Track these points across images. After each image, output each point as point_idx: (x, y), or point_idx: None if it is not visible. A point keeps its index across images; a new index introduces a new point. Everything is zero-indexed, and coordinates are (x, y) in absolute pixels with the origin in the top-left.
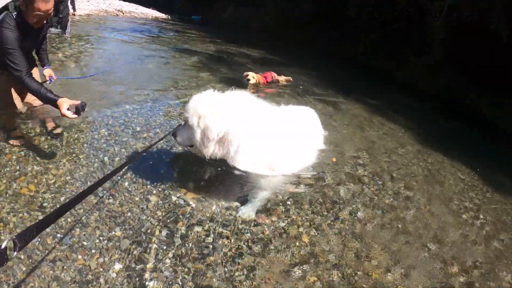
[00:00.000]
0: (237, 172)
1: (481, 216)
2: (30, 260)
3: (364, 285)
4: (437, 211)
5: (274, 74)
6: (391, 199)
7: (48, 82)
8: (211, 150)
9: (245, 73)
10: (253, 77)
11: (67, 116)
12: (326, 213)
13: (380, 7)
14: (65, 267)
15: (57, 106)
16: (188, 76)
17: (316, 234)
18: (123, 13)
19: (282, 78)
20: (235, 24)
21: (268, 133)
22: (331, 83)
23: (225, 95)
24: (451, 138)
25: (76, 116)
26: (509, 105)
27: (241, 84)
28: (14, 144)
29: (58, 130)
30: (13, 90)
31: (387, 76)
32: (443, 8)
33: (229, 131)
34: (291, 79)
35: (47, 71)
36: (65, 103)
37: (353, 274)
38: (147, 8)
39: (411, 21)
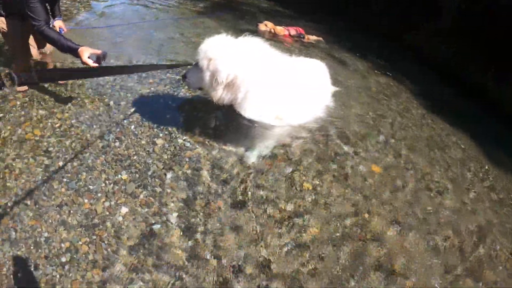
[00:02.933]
0: (244, 120)
1: (478, 186)
2: (37, 206)
3: (363, 239)
4: (436, 175)
5: (302, 30)
6: (393, 158)
7: None
8: (219, 94)
9: (264, 22)
10: (265, 25)
11: (88, 64)
12: (330, 164)
13: None
14: (71, 212)
15: (77, 55)
16: (194, 24)
17: (319, 183)
18: None
19: (312, 38)
20: None
21: (278, 82)
22: (340, 41)
23: (237, 40)
24: (454, 108)
25: (97, 65)
26: None
27: (251, 33)
28: (20, 90)
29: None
30: (31, 40)
31: (396, 39)
32: None
33: (238, 76)
34: (322, 39)
35: (58, 23)
36: (86, 51)
37: (353, 226)
38: None
39: None
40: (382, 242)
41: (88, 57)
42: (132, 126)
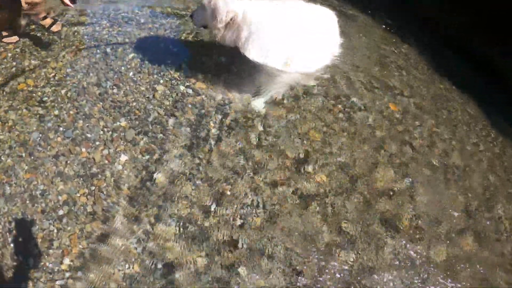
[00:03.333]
0: (249, 65)
1: (482, 148)
2: (32, 158)
3: (371, 190)
4: (443, 134)
5: None
6: (401, 113)
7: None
8: (222, 33)
9: None
10: None
11: (63, 2)
12: (338, 114)
13: None
14: (68, 162)
15: None
16: None
17: (328, 132)
18: None
19: None
20: None
21: (286, 25)
22: None
23: None
24: (460, 75)
25: (73, 5)
26: None
27: None
28: (8, 42)
29: (57, 27)
30: None
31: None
32: None
33: (239, 14)
34: None
35: None
36: None
37: (360, 178)
38: None
39: None
40: (390, 195)
41: None
42: (131, 73)
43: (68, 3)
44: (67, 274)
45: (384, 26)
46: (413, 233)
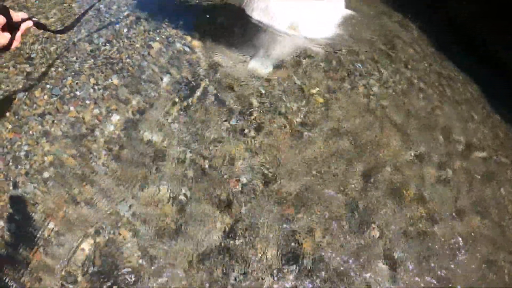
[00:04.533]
0: (253, 26)
1: (483, 130)
2: (16, 117)
3: (375, 159)
4: (446, 110)
5: None
6: (405, 85)
7: None
8: None
9: None
10: None
11: None
12: (341, 81)
13: None
14: (55, 121)
15: None
16: None
17: (331, 98)
18: None
19: None
20: None
21: None
22: None
23: None
24: (463, 61)
25: None
26: None
27: None
28: None
29: None
30: None
31: None
32: None
33: None
34: None
35: None
36: None
37: (365, 146)
38: None
39: None
40: (395, 165)
41: None
42: (125, 30)
43: None
44: (52, 240)
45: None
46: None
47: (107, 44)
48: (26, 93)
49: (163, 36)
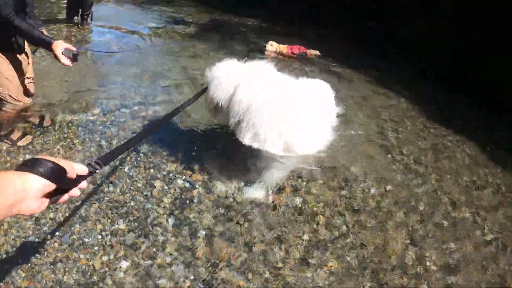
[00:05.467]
0: (248, 151)
1: (490, 190)
2: (29, 265)
3: (385, 268)
4: (447, 186)
5: (303, 48)
6: (403, 174)
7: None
8: (219, 117)
9: (269, 42)
10: (271, 45)
11: (60, 60)
12: (340, 192)
13: None
14: (67, 269)
15: (50, 49)
16: (185, 48)
17: (331, 216)
18: None
19: (313, 52)
20: None
21: (281, 105)
22: (331, 51)
23: (234, 63)
24: (454, 111)
25: (71, 63)
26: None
27: (244, 55)
28: (21, 145)
29: (47, 122)
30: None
31: (388, 36)
32: None
33: (231, 100)
34: (318, 53)
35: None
36: (60, 46)
37: (371, 257)
38: None
39: None
40: (403, 268)
41: (62, 53)
42: (127, 168)
43: (68, 63)
44: None
45: (370, 78)
46: None
47: (111, 185)
48: (37, 239)
49: (164, 173)
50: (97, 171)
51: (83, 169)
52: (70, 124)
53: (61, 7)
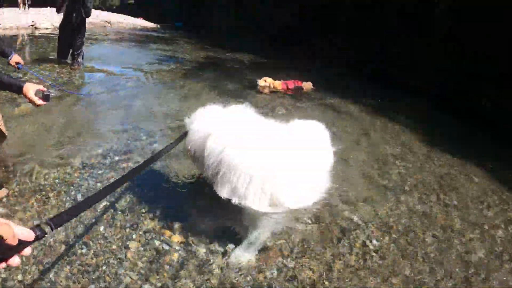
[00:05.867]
0: (231, 205)
1: (502, 226)
2: None
3: None
4: (457, 226)
5: (299, 83)
6: (407, 218)
7: (17, 69)
8: (199, 167)
9: (262, 78)
10: (265, 80)
11: (34, 102)
12: (338, 248)
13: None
14: None
15: (21, 92)
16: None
17: (326, 275)
18: (110, 24)
19: (307, 86)
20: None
21: (265, 153)
22: (326, 84)
23: (218, 110)
24: (455, 137)
25: (44, 103)
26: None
27: (237, 93)
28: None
29: (23, 172)
30: None
31: (379, 71)
32: None
33: (204, 150)
34: (312, 86)
35: (14, 58)
36: (31, 89)
37: None
38: (135, 18)
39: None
40: None
41: (35, 94)
42: (102, 227)
43: (40, 102)
44: None
45: (367, 108)
46: None
47: (84, 246)
48: None
49: (140, 232)
50: (46, 235)
51: (27, 234)
52: (46, 176)
53: (54, 47)
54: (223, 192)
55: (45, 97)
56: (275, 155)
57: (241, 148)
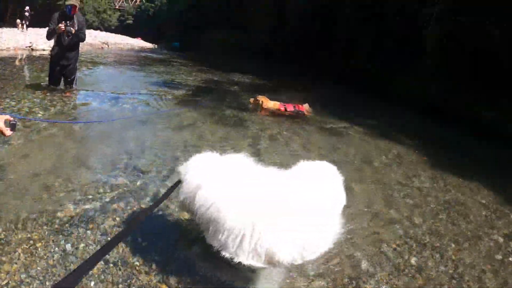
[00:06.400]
0: (229, 261)
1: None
2: None
3: None
4: (468, 257)
5: (301, 107)
6: (418, 256)
7: None
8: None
9: (257, 97)
10: (257, 99)
11: (5, 134)
12: None
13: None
14: None
15: None
16: (169, 117)
17: None
18: (108, 46)
19: (308, 109)
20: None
21: (260, 209)
22: (327, 106)
23: (212, 159)
24: (460, 154)
25: (12, 133)
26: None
27: (234, 121)
28: None
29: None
30: None
31: (380, 90)
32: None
33: (195, 203)
34: (309, 109)
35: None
36: (1, 119)
37: None
38: (133, 38)
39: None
40: None
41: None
42: (92, 283)
43: (8, 133)
44: None
45: (369, 132)
46: None
47: None
48: None
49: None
50: None
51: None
52: (34, 223)
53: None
54: (216, 247)
55: (12, 127)
56: (270, 209)
57: (231, 201)
